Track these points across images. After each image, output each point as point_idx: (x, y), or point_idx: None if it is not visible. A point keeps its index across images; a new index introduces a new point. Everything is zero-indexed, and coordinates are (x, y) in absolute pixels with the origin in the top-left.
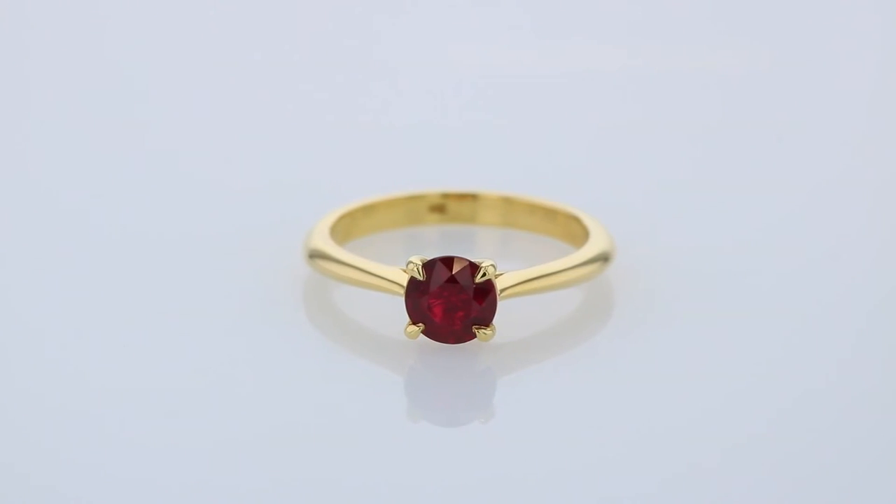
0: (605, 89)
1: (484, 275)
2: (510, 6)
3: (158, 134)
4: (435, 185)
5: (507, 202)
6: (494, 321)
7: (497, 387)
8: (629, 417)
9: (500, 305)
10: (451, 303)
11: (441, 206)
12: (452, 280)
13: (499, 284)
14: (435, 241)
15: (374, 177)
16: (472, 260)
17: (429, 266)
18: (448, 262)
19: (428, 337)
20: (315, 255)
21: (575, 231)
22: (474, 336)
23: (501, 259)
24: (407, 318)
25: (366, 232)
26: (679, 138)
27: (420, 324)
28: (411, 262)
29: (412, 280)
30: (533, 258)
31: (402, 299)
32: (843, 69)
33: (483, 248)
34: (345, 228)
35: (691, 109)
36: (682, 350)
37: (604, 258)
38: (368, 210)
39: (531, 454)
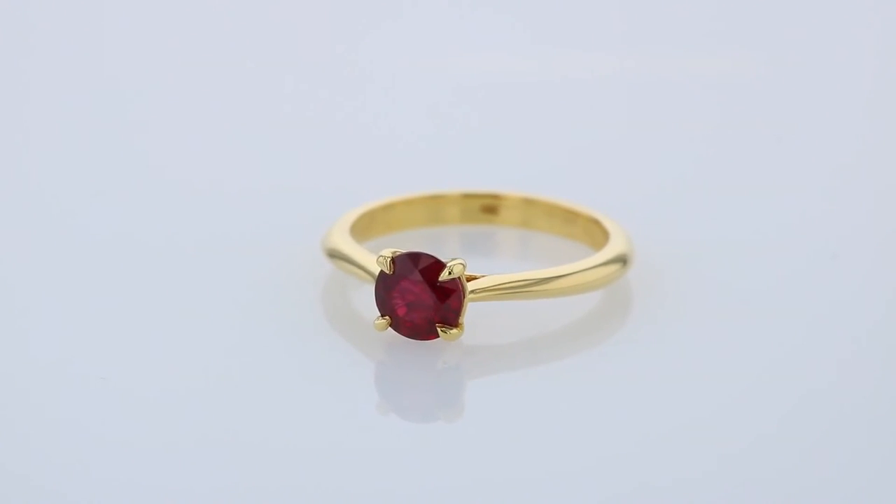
0: (623, 91)
1: (450, 273)
2: (527, 10)
3: (175, 140)
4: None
5: (528, 203)
6: (464, 321)
7: (497, 388)
8: (636, 418)
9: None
10: (413, 299)
11: (493, 207)
12: (416, 277)
13: (473, 286)
14: (455, 242)
15: (395, 179)
16: (442, 259)
17: (397, 260)
18: (415, 258)
19: (395, 331)
20: (329, 252)
21: (595, 234)
22: (437, 335)
23: (521, 260)
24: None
25: (385, 231)
26: (694, 139)
27: (387, 317)
28: (381, 255)
29: (382, 273)
30: (553, 259)
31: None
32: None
33: (502, 249)
34: (364, 226)
35: (708, 110)
36: (700, 351)
37: (622, 261)
38: (388, 209)
39: (528, 455)
